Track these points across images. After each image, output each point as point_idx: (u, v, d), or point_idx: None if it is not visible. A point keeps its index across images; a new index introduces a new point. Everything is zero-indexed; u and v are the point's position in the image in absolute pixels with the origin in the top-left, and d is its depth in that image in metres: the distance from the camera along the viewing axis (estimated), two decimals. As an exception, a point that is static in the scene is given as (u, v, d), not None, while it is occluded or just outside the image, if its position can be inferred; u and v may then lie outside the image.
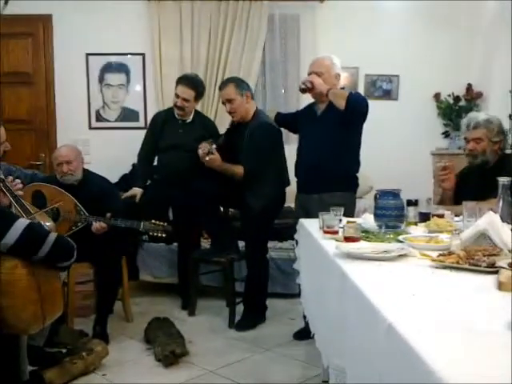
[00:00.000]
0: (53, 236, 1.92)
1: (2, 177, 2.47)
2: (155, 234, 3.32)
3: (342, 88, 3.29)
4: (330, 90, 3.08)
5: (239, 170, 3.43)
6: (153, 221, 3.31)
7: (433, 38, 4.85)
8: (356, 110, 3.05)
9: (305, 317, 3.17)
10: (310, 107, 3.37)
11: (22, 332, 1.91)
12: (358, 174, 3.27)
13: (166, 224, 3.35)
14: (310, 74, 3.22)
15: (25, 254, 1.84)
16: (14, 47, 4.82)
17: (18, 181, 2.56)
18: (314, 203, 3.08)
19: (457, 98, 4.92)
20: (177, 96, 3.80)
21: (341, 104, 3.01)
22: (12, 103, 4.82)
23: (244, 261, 3.64)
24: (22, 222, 1.86)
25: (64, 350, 2.84)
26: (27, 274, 1.85)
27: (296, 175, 3.35)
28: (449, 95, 4.93)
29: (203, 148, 3.46)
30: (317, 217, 2.89)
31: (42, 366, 2.61)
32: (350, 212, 2.85)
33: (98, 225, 3.23)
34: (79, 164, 3.41)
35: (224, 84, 3.57)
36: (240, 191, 3.44)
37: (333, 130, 3.09)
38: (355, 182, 3.27)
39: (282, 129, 3.57)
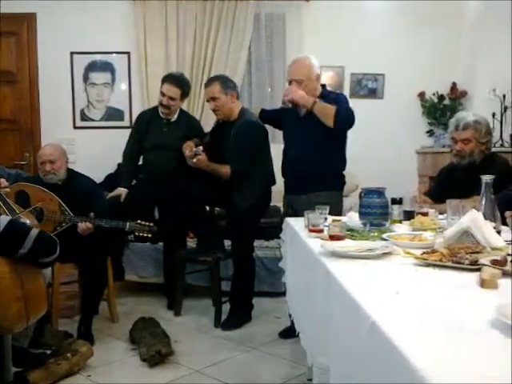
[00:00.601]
0: (35, 231, 1.90)
1: None
2: (141, 234, 3.30)
3: (323, 86, 3.26)
4: (315, 103, 3.02)
5: (226, 169, 3.42)
6: (138, 221, 3.29)
7: (417, 36, 4.88)
8: (344, 127, 3.07)
9: (290, 315, 3.19)
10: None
11: (7, 331, 1.89)
12: (344, 173, 3.28)
13: (151, 224, 3.33)
14: (289, 82, 3.16)
15: (7, 250, 1.82)
16: (-1, 46, 4.78)
17: (3, 180, 2.54)
18: (302, 203, 3.08)
19: (441, 97, 4.95)
20: (162, 94, 3.78)
21: (328, 123, 3.01)
22: (-5, 102, 4.77)
23: (230, 260, 3.64)
24: (3, 219, 1.84)
25: (48, 351, 2.81)
26: (10, 271, 1.83)
27: (283, 176, 3.35)
28: (433, 94, 4.97)
29: (189, 149, 3.45)
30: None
31: (27, 367, 2.58)
32: (337, 210, 2.87)
33: (84, 225, 3.20)
34: (63, 163, 3.38)
35: (210, 82, 3.56)
36: (226, 190, 3.43)
37: (317, 131, 3.07)
38: (342, 181, 3.28)
39: (268, 127, 3.56)
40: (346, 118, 3.03)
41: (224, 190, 3.44)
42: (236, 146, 3.37)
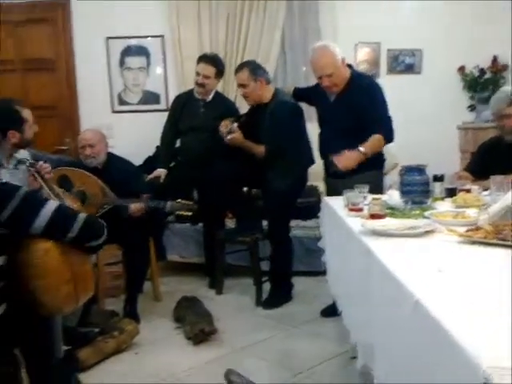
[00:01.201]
0: (83, 215, 1.94)
1: (33, 161, 2.53)
2: (182, 212, 3.36)
3: (349, 66, 3.18)
4: (366, 154, 2.93)
5: (261, 149, 3.43)
6: (178, 200, 3.35)
7: (456, 9, 4.71)
8: (393, 138, 3.09)
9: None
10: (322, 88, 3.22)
11: (58, 312, 1.95)
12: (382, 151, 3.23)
13: (191, 203, 3.38)
14: (319, 77, 3.07)
15: (56, 235, 1.88)
16: (35, 33, 4.86)
17: (47, 165, 2.62)
18: (340, 187, 3.06)
19: (482, 71, 4.80)
20: (197, 74, 3.83)
21: (381, 147, 3.06)
22: (36, 90, 4.87)
23: (268, 239, 3.67)
24: (52, 204, 1.89)
25: (96, 330, 2.90)
26: (59, 254, 1.88)
27: (322, 159, 3.33)
28: (474, 68, 4.82)
29: (224, 126, 3.48)
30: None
31: (76, 345, 2.68)
32: (378, 190, 2.84)
33: (137, 205, 3.27)
34: (102, 147, 3.45)
35: (239, 68, 3.57)
36: (262, 171, 3.44)
37: (347, 115, 3.02)
38: (381, 159, 3.22)
39: (304, 106, 3.54)
40: (391, 134, 3.05)
41: (260, 171, 3.45)
42: (271, 126, 3.37)
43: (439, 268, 1.41)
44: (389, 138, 3.04)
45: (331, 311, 3.13)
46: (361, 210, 2.24)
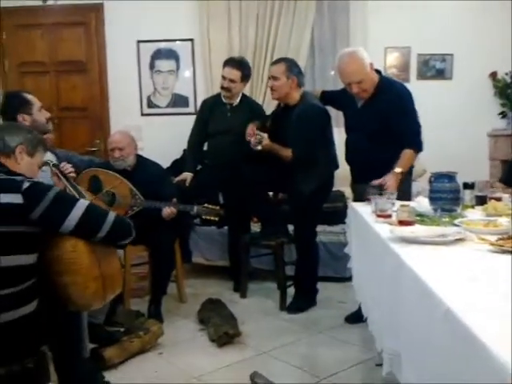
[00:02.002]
0: (112, 215, 1.98)
1: (57, 162, 2.58)
2: (208, 217, 3.37)
3: (378, 71, 3.14)
4: (402, 173, 2.90)
5: (288, 152, 3.42)
6: (205, 204, 3.36)
7: (488, 13, 4.64)
8: (422, 143, 3.04)
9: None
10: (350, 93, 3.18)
11: (86, 308, 1.98)
12: None
13: (218, 208, 3.39)
14: (348, 84, 3.03)
15: (86, 234, 1.91)
16: (68, 36, 4.96)
17: (69, 165, 2.68)
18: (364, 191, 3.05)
19: (514, 77, 4.72)
20: (223, 78, 3.85)
21: (413, 160, 3.05)
22: (67, 92, 4.98)
23: (294, 244, 3.66)
24: (83, 204, 1.93)
25: (122, 330, 2.93)
26: (88, 251, 1.91)
27: (348, 163, 3.31)
28: (506, 74, 4.73)
29: (252, 132, 3.48)
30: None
31: (102, 344, 2.71)
32: (406, 196, 2.80)
33: (169, 210, 3.30)
34: (131, 150, 3.49)
35: (277, 61, 3.57)
36: (289, 175, 3.44)
37: (374, 122, 3.00)
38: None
39: (332, 110, 3.53)
40: (421, 145, 3.02)
41: (286, 175, 3.45)
42: (298, 130, 3.36)
43: (470, 276, 1.39)
44: (419, 149, 3.02)
45: (356, 318, 3.11)
46: (389, 216, 2.22)
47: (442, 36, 4.71)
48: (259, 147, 3.42)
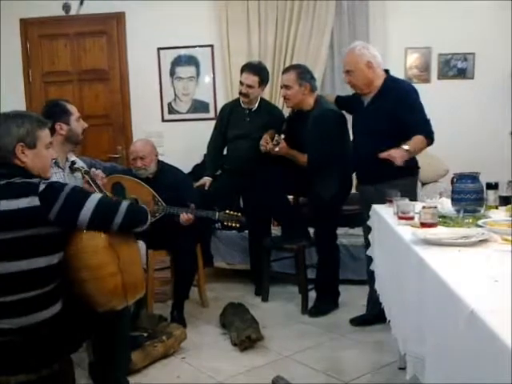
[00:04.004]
0: (125, 204, 1.99)
1: (87, 169, 2.63)
2: (229, 223, 3.38)
3: (386, 71, 3.13)
4: (410, 152, 2.85)
5: (304, 158, 3.45)
6: (227, 211, 3.37)
7: (510, 11, 4.58)
8: (433, 138, 2.98)
9: (368, 303, 3.16)
10: (359, 95, 3.22)
11: (106, 306, 1.97)
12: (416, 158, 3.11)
13: (239, 214, 3.40)
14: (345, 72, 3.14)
15: (102, 225, 1.93)
16: (91, 45, 5.05)
17: (100, 171, 2.73)
18: (370, 194, 3.03)
19: (538, 75, 4.64)
20: (241, 83, 3.87)
21: (423, 149, 2.97)
22: (90, 99, 5.06)
23: (314, 247, 3.64)
24: (96, 196, 1.95)
25: (145, 334, 2.96)
26: (104, 246, 1.93)
27: (354, 167, 3.30)
28: (529, 72, 4.66)
29: (268, 140, 3.50)
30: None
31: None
32: (412, 197, 2.74)
33: (186, 216, 3.32)
34: (153, 158, 3.51)
35: (287, 69, 3.59)
36: (307, 179, 3.43)
37: (380, 120, 2.99)
38: (414, 166, 3.11)
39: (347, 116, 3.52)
40: (432, 135, 2.95)
41: (306, 178, 3.44)
42: (314, 135, 3.36)
43: (494, 278, 1.37)
44: (430, 138, 2.95)
45: (361, 320, 3.21)
46: (412, 218, 2.20)
47: (463, 35, 4.65)
48: (276, 149, 3.44)
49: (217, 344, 3.07)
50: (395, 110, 2.94)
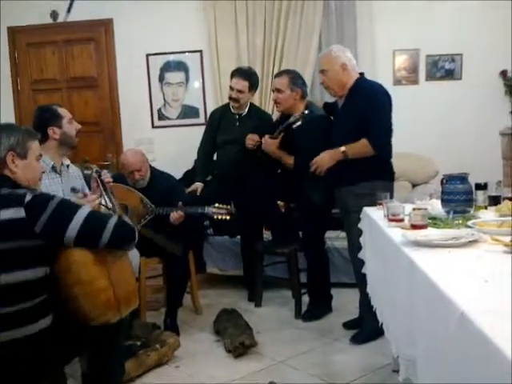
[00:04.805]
0: (113, 220, 1.96)
1: (99, 169, 2.64)
2: (220, 217, 3.36)
3: (361, 74, 3.14)
4: (345, 152, 2.96)
5: (290, 160, 3.46)
6: (216, 204, 3.36)
7: (496, 11, 4.59)
8: (385, 149, 2.98)
9: (360, 306, 3.16)
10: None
11: (100, 320, 1.95)
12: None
13: (229, 206, 3.39)
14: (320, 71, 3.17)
15: (89, 242, 1.91)
16: (79, 53, 5.03)
17: (108, 174, 2.74)
18: (344, 196, 3.07)
19: (525, 75, 4.67)
20: (231, 88, 3.87)
21: (367, 153, 2.94)
22: (79, 107, 5.01)
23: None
24: (84, 211, 1.92)
25: (139, 343, 2.92)
26: (95, 261, 1.91)
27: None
28: (516, 71, 4.69)
29: (256, 138, 3.51)
30: (353, 210, 2.89)
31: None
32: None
33: (176, 214, 3.31)
34: (147, 167, 3.49)
35: (280, 73, 3.62)
36: (297, 184, 3.43)
37: (351, 122, 3.00)
38: (386, 169, 3.07)
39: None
40: (382, 145, 2.94)
41: (294, 184, 3.44)
42: (303, 141, 3.37)
43: (484, 279, 1.37)
44: (377, 146, 2.92)
45: (354, 324, 3.19)
46: (402, 220, 2.20)
47: (450, 36, 4.68)
48: (266, 136, 3.52)
49: (211, 351, 3.05)
50: (363, 110, 2.95)
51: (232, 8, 4.78)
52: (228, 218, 3.38)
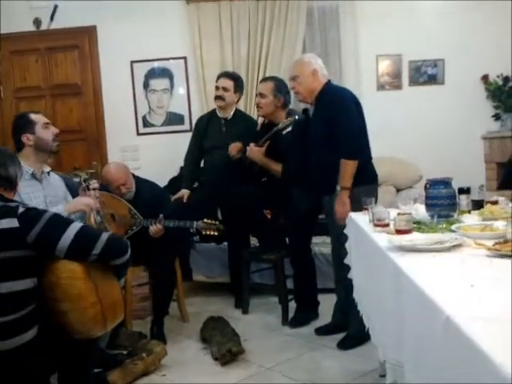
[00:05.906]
0: (105, 235, 1.97)
1: (87, 177, 2.63)
2: (208, 232, 3.36)
3: (328, 80, 3.15)
4: (346, 187, 2.92)
5: (277, 167, 3.45)
6: (205, 220, 3.36)
7: (477, 16, 4.68)
8: (356, 155, 2.94)
9: (334, 312, 3.21)
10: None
11: (86, 335, 1.96)
12: (375, 163, 3.14)
13: (217, 222, 3.39)
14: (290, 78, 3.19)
15: (80, 255, 1.91)
16: (63, 60, 5.00)
17: (95, 181, 2.72)
18: (329, 203, 3.06)
19: (506, 79, 4.74)
20: (217, 88, 3.91)
21: (353, 165, 2.91)
22: (63, 114, 5.00)
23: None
24: (76, 225, 1.93)
25: (125, 352, 2.91)
26: (83, 277, 1.90)
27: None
28: (498, 76, 4.76)
29: (236, 153, 3.55)
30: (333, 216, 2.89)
31: (105, 367, 2.68)
32: (357, 207, 2.74)
33: (155, 227, 3.30)
34: (132, 179, 3.47)
35: (266, 79, 3.68)
36: (283, 190, 3.43)
37: (319, 127, 3.02)
38: (366, 172, 3.05)
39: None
40: (352, 151, 2.92)
41: (280, 192, 3.45)
42: (286, 147, 3.37)
43: (468, 283, 1.38)
44: (349, 155, 2.91)
45: (326, 330, 3.22)
46: (387, 225, 2.21)
47: (431, 41, 4.75)
48: (252, 144, 3.55)
49: (198, 359, 3.03)
50: (330, 115, 2.96)
51: (216, 16, 4.80)
52: (216, 233, 3.38)
